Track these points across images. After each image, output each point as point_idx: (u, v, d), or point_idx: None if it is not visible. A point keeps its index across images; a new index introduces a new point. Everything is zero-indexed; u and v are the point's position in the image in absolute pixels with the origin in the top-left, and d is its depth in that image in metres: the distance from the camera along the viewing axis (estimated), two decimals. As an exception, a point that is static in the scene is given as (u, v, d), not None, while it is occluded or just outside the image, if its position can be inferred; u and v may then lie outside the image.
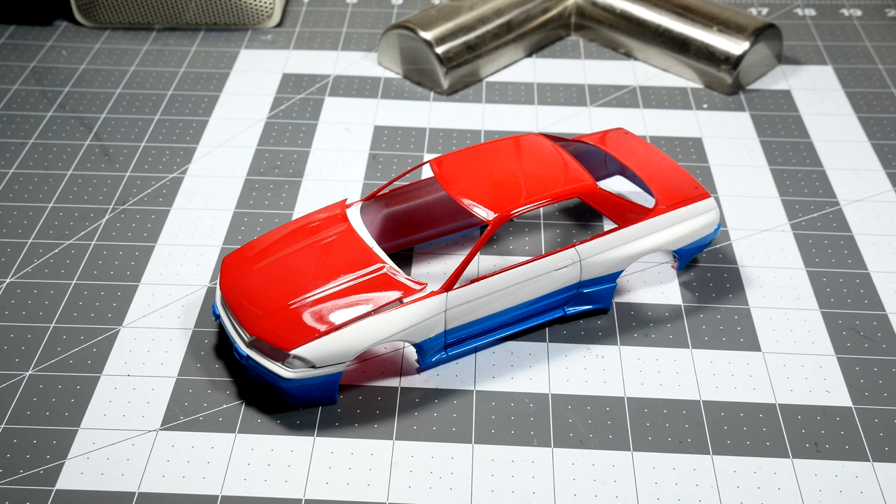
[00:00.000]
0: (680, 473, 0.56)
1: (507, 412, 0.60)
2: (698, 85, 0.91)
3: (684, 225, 0.66)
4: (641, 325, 0.66)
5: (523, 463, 0.57)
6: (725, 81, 0.89)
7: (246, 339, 0.59)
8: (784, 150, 0.83)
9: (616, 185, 0.77)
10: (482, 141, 0.84)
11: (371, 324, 0.58)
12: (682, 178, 0.69)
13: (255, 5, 0.98)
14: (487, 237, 0.60)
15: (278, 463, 0.57)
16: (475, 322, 0.62)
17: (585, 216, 0.75)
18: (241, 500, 0.55)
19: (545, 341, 0.64)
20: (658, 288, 0.68)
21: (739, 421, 0.59)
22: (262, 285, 0.60)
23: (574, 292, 0.64)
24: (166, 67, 0.94)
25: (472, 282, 0.60)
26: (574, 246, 0.63)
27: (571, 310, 0.65)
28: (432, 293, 0.59)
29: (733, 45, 0.89)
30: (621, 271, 0.65)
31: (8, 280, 0.69)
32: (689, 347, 0.64)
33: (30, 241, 0.73)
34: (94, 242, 0.72)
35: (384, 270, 0.60)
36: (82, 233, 0.73)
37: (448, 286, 0.59)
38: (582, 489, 0.55)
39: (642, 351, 0.64)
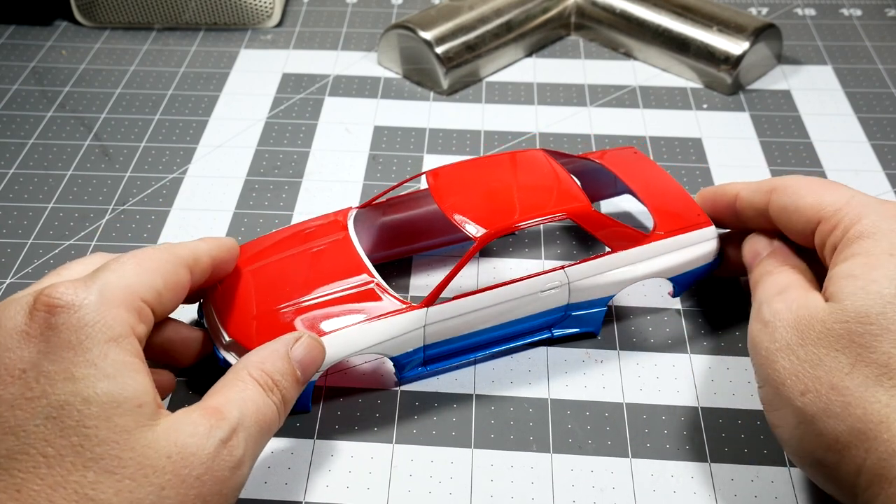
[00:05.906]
0: (678, 481, 0.56)
1: (507, 417, 0.60)
2: (698, 85, 0.91)
3: (681, 253, 0.63)
4: (640, 330, 0.66)
5: (522, 468, 0.57)
6: (725, 81, 0.89)
7: (224, 341, 0.58)
8: (784, 151, 0.83)
9: (626, 203, 0.76)
10: (482, 141, 0.84)
11: (345, 335, 0.56)
12: (685, 203, 0.66)
13: (255, 5, 0.98)
14: (472, 254, 0.58)
15: (278, 466, 0.57)
16: (456, 339, 0.60)
17: (583, 231, 0.74)
18: (241, 502, 0.55)
19: (544, 347, 0.64)
20: (657, 293, 0.68)
21: (737, 428, 0.59)
22: (246, 289, 0.60)
23: (562, 315, 0.62)
24: (166, 67, 0.94)
25: (455, 298, 0.58)
26: (563, 268, 0.60)
27: (558, 332, 0.63)
28: (411, 307, 0.58)
29: (733, 45, 0.89)
30: (612, 296, 0.63)
31: (8, 280, 0.69)
32: (687, 353, 0.64)
33: (30, 241, 0.73)
34: (94, 242, 0.72)
35: (370, 286, 0.59)
36: (82, 233, 0.73)
37: (429, 301, 0.58)
38: (580, 496, 0.55)
39: (641, 356, 0.64)
